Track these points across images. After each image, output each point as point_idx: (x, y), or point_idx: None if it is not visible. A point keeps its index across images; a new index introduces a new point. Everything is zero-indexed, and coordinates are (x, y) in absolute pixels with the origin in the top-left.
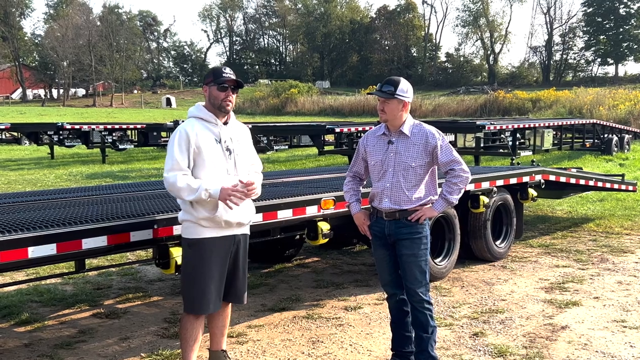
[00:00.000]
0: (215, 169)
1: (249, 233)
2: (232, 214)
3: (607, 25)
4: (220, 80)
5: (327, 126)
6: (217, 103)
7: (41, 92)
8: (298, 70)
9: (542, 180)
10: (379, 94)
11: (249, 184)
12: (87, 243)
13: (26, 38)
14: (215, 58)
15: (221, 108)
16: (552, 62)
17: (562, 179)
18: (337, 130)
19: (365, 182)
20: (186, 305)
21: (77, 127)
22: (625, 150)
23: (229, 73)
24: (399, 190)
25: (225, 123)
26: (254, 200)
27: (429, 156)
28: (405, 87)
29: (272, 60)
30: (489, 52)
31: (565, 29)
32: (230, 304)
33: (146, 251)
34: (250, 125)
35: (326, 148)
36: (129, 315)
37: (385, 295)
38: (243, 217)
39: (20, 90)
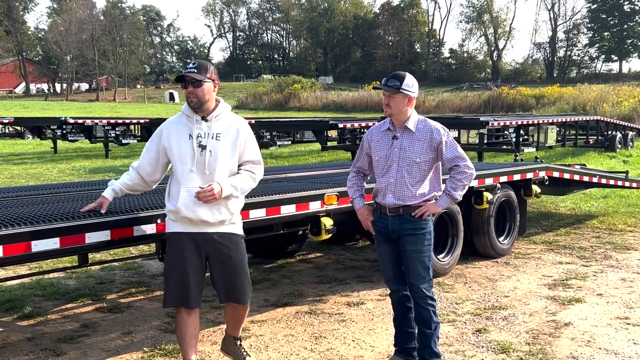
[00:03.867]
0: (182, 165)
1: (234, 232)
2: (192, 211)
3: (612, 22)
4: (179, 79)
5: (330, 122)
6: (186, 100)
7: (44, 86)
8: (301, 65)
9: (546, 177)
10: (385, 88)
11: (203, 190)
12: (90, 237)
13: (29, 32)
14: (218, 53)
15: (189, 104)
16: (556, 58)
17: (566, 176)
18: (340, 125)
19: (369, 178)
20: (166, 300)
21: (80, 121)
22: (629, 147)
23: (189, 69)
24: (403, 186)
25: (204, 118)
26: (248, 197)
27: (434, 152)
28: (410, 82)
29: (276, 56)
30: (492, 48)
31: (569, 26)
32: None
33: (149, 245)
34: (253, 121)
35: (329, 144)
36: (131, 310)
37: (388, 291)
38: (208, 215)
39: (23, 84)
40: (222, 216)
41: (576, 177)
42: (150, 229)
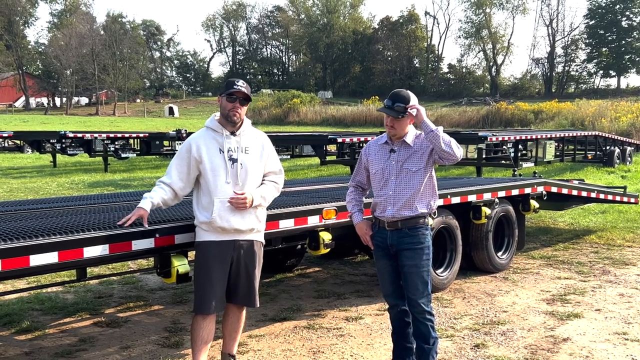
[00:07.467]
0: (214, 178)
1: (258, 240)
2: (226, 221)
3: (610, 38)
4: (230, 92)
5: (329, 136)
6: (225, 113)
7: (44, 100)
8: (301, 80)
9: (544, 192)
10: (393, 114)
11: (237, 196)
12: (89, 251)
13: (30, 46)
14: (218, 68)
15: (228, 118)
16: (554, 73)
17: (564, 191)
18: (339, 140)
19: (367, 192)
20: (194, 305)
21: (79, 135)
22: (627, 163)
23: (240, 85)
24: (401, 198)
25: (233, 133)
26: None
27: (428, 156)
28: (413, 102)
29: (275, 70)
30: (491, 63)
31: (567, 41)
32: (244, 310)
33: (147, 260)
34: None
35: (328, 158)
36: (129, 324)
37: (387, 306)
38: (240, 224)
39: (23, 98)
40: (253, 224)
41: (574, 192)
42: (149, 243)
